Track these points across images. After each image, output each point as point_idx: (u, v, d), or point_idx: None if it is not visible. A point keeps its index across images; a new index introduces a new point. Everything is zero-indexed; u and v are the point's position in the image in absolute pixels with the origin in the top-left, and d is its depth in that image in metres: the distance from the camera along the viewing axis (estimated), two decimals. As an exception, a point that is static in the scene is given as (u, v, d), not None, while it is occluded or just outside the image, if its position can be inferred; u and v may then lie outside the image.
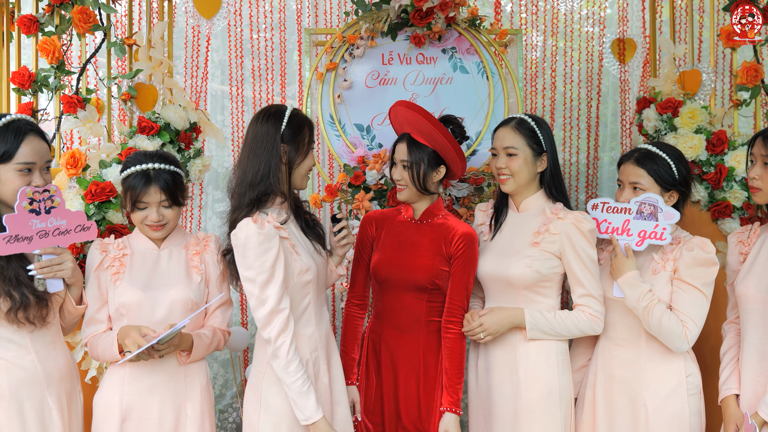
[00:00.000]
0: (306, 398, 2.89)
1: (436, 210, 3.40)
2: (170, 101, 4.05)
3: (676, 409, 3.13)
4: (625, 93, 5.31)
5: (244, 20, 5.15)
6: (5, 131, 2.79)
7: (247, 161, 3.02)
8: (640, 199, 3.11)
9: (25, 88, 3.79)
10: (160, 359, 3.03)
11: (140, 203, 3.03)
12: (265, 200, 2.98)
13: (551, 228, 3.22)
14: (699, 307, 3.09)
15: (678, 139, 4.07)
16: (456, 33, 4.37)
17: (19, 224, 2.79)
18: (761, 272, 3.03)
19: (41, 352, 2.89)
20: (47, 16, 3.82)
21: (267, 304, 2.89)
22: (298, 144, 3.04)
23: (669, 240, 3.08)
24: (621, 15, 5.26)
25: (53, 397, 2.89)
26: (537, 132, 3.29)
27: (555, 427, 3.22)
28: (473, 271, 3.32)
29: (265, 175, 2.98)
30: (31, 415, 2.83)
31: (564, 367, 3.26)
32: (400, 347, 3.38)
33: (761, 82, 4.07)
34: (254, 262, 2.88)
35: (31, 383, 2.84)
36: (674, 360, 3.16)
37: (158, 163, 3.04)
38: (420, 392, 3.35)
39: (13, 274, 2.78)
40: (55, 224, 2.88)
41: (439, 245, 3.31)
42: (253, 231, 2.87)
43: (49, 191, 2.84)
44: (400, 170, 3.34)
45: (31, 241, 2.82)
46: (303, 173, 3.10)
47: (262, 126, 3.03)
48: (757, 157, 3.04)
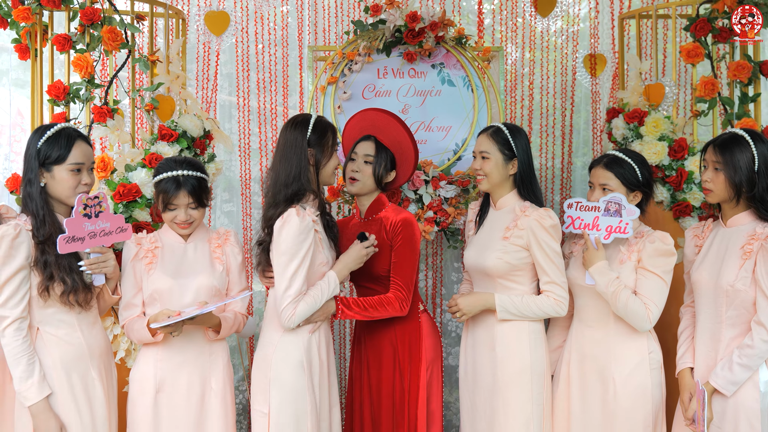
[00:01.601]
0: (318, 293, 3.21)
1: (378, 206, 3.59)
2: (185, 111, 4.15)
3: (639, 381, 3.30)
4: (596, 104, 5.32)
5: (250, 37, 5.19)
6: (58, 137, 3.02)
7: (280, 165, 3.25)
8: (607, 198, 3.29)
9: (60, 99, 3.90)
10: (188, 340, 3.23)
11: (171, 205, 3.22)
12: (299, 197, 3.20)
13: (519, 224, 3.40)
14: (659, 291, 3.28)
15: (643, 145, 4.15)
16: (444, 50, 4.51)
17: (76, 227, 2.97)
18: (713, 262, 3.22)
19: (86, 330, 3.09)
20: (79, 35, 3.94)
21: (293, 286, 3.14)
22: (323, 147, 3.29)
23: (631, 233, 3.28)
24: (592, 32, 5.27)
25: (95, 369, 3.10)
26: (510, 140, 3.49)
27: (527, 397, 3.39)
28: (412, 252, 3.48)
29: (297, 176, 3.22)
30: (78, 383, 3.03)
31: (536, 345, 3.43)
32: (370, 335, 3.59)
33: (718, 94, 4.15)
34: (291, 248, 3.11)
35: (77, 357, 3.05)
36: (638, 339, 3.33)
37: (186, 170, 3.23)
38: (381, 374, 3.55)
39: (66, 263, 2.97)
40: (101, 226, 3.05)
41: (381, 236, 3.48)
42: (296, 221, 3.11)
43: (98, 198, 3.01)
44: (360, 164, 3.55)
45: (83, 241, 2.99)
46: (329, 172, 3.34)
47: (291, 133, 3.28)
48: (708, 162, 3.24)
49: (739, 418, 3.10)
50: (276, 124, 5.19)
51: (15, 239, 2.90)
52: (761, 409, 3.09)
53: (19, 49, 4.13)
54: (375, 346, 3.56)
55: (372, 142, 3.60)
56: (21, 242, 2.92)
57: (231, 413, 3.34)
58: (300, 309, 3.17)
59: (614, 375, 3.33)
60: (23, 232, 2.94)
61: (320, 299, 3.22)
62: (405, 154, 3.67)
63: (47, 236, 2.97)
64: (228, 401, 3.32)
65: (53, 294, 2.97)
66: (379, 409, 3.55)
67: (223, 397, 3.29)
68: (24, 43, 4.10)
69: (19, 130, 5.33)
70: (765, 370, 3.13)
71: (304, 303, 3.18)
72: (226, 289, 3.36)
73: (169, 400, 3.23)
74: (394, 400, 3.51)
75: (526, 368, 3.41)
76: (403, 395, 3.50)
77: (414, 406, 3.48)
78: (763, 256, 3.06)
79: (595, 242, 3.33)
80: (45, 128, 3.07)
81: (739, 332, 3.15)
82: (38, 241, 2.97)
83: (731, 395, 3.11)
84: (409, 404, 3.48)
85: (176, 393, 3.23)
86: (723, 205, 3.30)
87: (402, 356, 3.51)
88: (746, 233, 3.16)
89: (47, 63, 4.09)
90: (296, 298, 3.16)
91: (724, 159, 3.18)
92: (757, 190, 3.16)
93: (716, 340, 3.21)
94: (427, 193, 4.35)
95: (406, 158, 3.68)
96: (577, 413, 3.43)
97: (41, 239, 2.96)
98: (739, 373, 3.06)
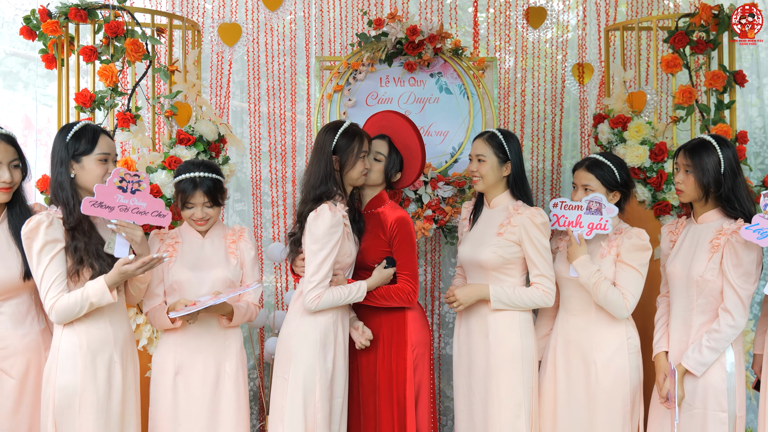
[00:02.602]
0: (345, 293, 3.45)
1: (378, 201, 3.76)
2: (201, 117, 4.23)
3: (619, 364, 3.47)
4: (584, 110, 5.37)
5: (260, 47, 5.23)
6: (85, 131, 3.17)
7: (312, 166, 3.51)
8: (589, 198, 3.45)
9: (87, 106, 4.01)
10: (204, 328, 3.39)
11: (188, 203, 3.39)
12: (327, 197, 3.42)
13: (512, 221, 3.56)
14: (636, 282, 3.45)
15: (626, 149, 4.22)
16: (442, 60, 4.59)
17: (106, 194, 3.06)
18: (685, 255, 3.40)
19: (113, 316, 3.19)
20: (104, 46, 4.05)
21: (320, 272, 3.36)
22: (348, 154, 3.50)
23: (610, 230, 3.43)
24: (580, 43, 5.32)
25: (118, 354, 3.17)
26: (504, 144, 3.64)
27: (517, 380, 3.55)
28: (412, 248, 3.68)
29: (324, 180, 3.46)
30: (101, 366, 3.11)
31: (526, 333, 3.59)
32: (366, 318, 3.74)
33: (695, 102, 4.24)
34: (322, 239, 3.34)
35: (102, 341, 3.13)
36: (618, 326, 3.50)
37: (203, 172, 3.39)
38: (378, 351, 3.71)
39: (94, 248, 3.11)
40: (136, 204, 3.12)
41: (377, 231, 3.67)
42: (328, 216, 3.34)
43: (138, 176, 3.13)
44: (372, 160, 3.72)
45: (112, 210, 3.08)
46: (355, 176, 3.56)
47: (321, 138, 3.52)
48: (680, 165, 3.43)
49: (707, 396, 3.29)
50: (284, 128, 5.26)
51: (49, 226, 3.03)
52: (727, 388, 3.28)
53: (45, 59, 4.23)
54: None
55: (386, 142, 3.79)
56: (54, 228, 3.05)
57: (243, 395, 3.48)
58: (326, 297, 3.39)
59: (596, 359, 3.50)
60: (55, 219, 3.07)
61: (345, 298, 3.44)
62: (413, 160, 3.86)
63: (77, 223, 3.09)
64: (241, 384, 3.46)
65: (83, 278, 3.09)
66: (372, 393, 3.72)
67: (236, 380, 3.44)
68: (51, 54, 4.20)
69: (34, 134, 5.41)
70: (731, 352, 3.31)
71: (331, 294, 3.40)
72: (240, 281, 3.51)
73: (186, 382, 3.39)
74: (380, 381, 3.68)
75: (517, 354, 3.56)
76: (390, 377, 3.66)
77: (402, 387, 3.64)
78: (729, 250, 3.25)
79: (578, 238, 3.49)
80: (71, 125, 3.21)
81: (708, 318, 3.34)
82: (68, 228, 3.08)
83: (701, 375, 3.29)
84: (396, 385, 3.65)
85: (193, 376, 3.39)
86: (694, 204, 3.47)
87: (388, 340, 3.69)
88: (714, 229, 3.34)
89: (74, 72, 4.20)
90: (321, 283, 3.38)
91: (694, 162, 3.37)
92: (723, 190, 3.34)
93: (688, 326, 3.38)
94: (426, 193, 4.47)
95: (413, 165, 3.87)
96: (563, 394, 3.58)
97: (72, 225, 3.09)
98: (708, 355, 3.25)
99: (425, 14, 5.23)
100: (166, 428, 3.38)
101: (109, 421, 3.11)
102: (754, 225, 3.11)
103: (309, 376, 3.41)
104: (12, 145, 3.13)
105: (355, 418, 3.77)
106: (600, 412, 3.50)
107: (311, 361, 3.41)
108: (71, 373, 3.06)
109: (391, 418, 3.64)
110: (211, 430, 3.40)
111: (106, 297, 3.03)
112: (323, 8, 5.25)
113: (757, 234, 3.09)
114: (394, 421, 3.63)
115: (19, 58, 5.49)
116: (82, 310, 3.04)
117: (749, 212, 3.34)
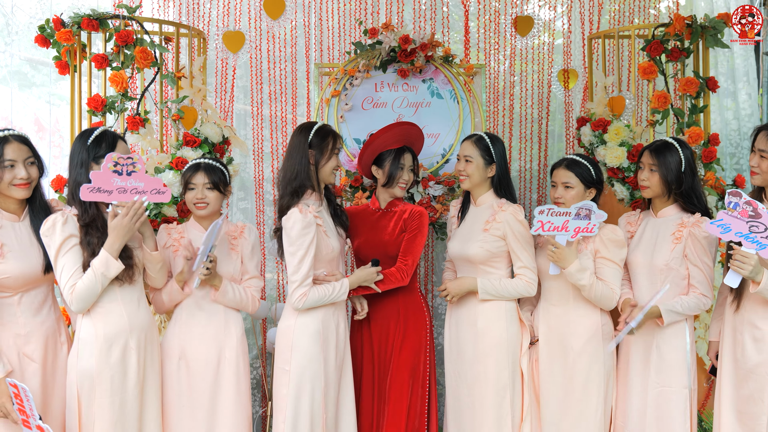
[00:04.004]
0: (330, 291, 3.51)
1: (397, 201, 3.92)
2: (206, 120, 4.32)
3: (594, 349, 3.62)
4: (569, 113, 5.45)
5: (262, 54, 5.30)
6: (104, 136, 3.30)
7: (287, 163, 3.57)
8: (579, 205, 3.52)
9: (98, 110, 4.10)
10: (206, 317, 3.51)
11: (190, 184, 3.52)
12: (302, 191, 3.50)
13: (497, 217, 3.68)
14: (618, 276, 3.62)
15: (606, 150, 4.32)
16: (433, 67, 4.71)
17: (102, 180, 3.10)
18: (646, 246, 3.60)
19: (128, 305, 3.26)
20: (114, 54, 4.15)
21: (300, 271, 3.44)
22: (322, 149, 3.57)
23: (597, 232, 3.54)
24: (565, 50, 5.41)
25: (134, 341, 3.25)
26: (490, 147, 3.76)
27: (504, 365, 3.69)
28: (422, 237, 3.80)
29: (298, 173, 3.53)
30: (116, 352, 3.20)
31: (511, 322, 3.72)
32: (376, 305, 3.86)
33: (670, 106, 4.35)
34: (296, 241, 3.41)
35: (117, 330, 3.21)
36: (593, 314, 3.64)
37: (206, 159, 3.57)
38: (391, 332, 3.84)
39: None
40: (133, 185, 3.15)
41: (398, 223, 3.81)
42: (299, 218, 3.41)
43: (132, 158, 3.15)
44: (408, 173, 3.90)
45: (110, 194, 3.12)
46: (328, 172, 3.60)
47: (297, 137, 3.59)
48: (645, 164, 3.61)
49: (672, 374, 3.52)
50: (286, 131, 5.31)
51: (64, 224, 3.15)
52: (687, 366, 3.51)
53: (59, 65, 4.32)
54: (382, 318, 3.86)
55: (411, 155, 3.95)
56: (69, 225, 3.17)
57: (244, 381, 3.58)
58: (311, 295, 3.47)
59: (573, 344, 3.64)
60: (70, 217, 3.19)
61: (329, 296, 3.52)
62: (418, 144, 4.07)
63: (91, 220, 3.20)
64: (241, 371, 3.57)
65: None
66: (388, 372, 3.82)
67: (236, 366, 3.55)
68: (64, 60, 4.30)
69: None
70: (689, 331, 3.54)
71: (316, 292, 3.49)
72: (240, 274, 3.64)
73: (189, 366, 3.51)
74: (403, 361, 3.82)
75: (503, 341, 3.70)
76: (413, 356, 3.82)
77: (426, 367, 3.84)
78: (693, 240, 3.47)
79: (566, 243, 3.57)
80: (90, 131, 3.32)
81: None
82: (83, 224, 3.19)
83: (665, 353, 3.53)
84: (419, 364, 3.82)
85: (195, 360, 3.51)
86: (655, 200, 3.66)
87: (406, 322, 3.83)
88: (675, 222, 3.55)
89: (86, 77, 4.30)
90: (303, 282, 3.46)
91: (659, 161, 3.55)
92: (684, 187, 3.55)
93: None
94: (418, 192, 4.58)
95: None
96: (545, 376, 3.71)
97: (86, 222, 3.19)
98: (678, 309, 3.45)
99: (419, 23, 5.31)
100: (173, 409, 3.49)
101: (125, 404, 3.22)
102: (718, 220, 3.23)
103: (310, 366, 3.50)
104: (25, 144, 3.22)
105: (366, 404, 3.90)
106: (578, 392, 3.64)
107: (311, 352, 3.50)
108: (88, 359, 3.18)
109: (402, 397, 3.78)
110: (213, 412, 3.51)
111: (112, 264, 3.14)
112: (322, 17, 5.32)
113: (720, 229, 3.22)
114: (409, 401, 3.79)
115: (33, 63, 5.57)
116: (96, 286, 3.14)
117: (705, 207, 3.56)
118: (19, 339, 3.18)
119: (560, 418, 3.69)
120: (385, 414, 3.79)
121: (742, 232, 3.18)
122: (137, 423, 3.29)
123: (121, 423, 3.22)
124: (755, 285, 3.20)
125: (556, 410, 3.70)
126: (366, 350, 3.90)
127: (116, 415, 3.19)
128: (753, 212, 3.16)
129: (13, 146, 3.15)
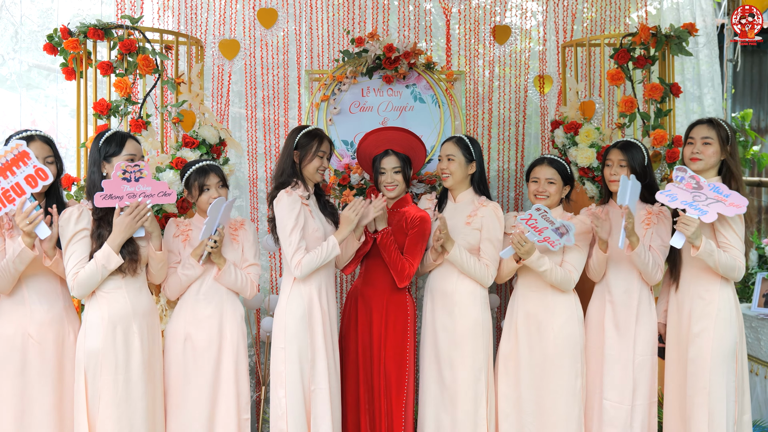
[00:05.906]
0: (321, 250, 3.62)
1: (403, 202, 4.00)
2: (204, 122, 4.37)
3: (568, 331, 3.79)
4: (544, 116, 5.51)
5: (256, 61, 5.34)
6: (115, 136, 3.44)
7: (278, 161, 3.75)
8: (564, 223, 3.64)
9: (104, 114, 4.19)
10: (208, 303, 3.64)
11: (205, 186, 3.65)
12: (287, 185, 3.67)
13: (478, 212, 3.84)
14: (581, 259, 3.80)
15: (578, 151, 4.40)
16: (416, 73, 4.80)
17: (113, 187, 3.26)
18: (617, 233, 3.69)
19: (131, 293, 3.41)
20: (118, 61, 4.24)
21: (291, 237, 3.60)
22: (306, 150, 3.73)
23: (557, 248, 3.69)
24: (541, 57, 5.49)
25: (136, 326, 3.39)
26: (469, 146, 3.91)
27: (480, 347, 3.83)
28: (424, 241, 3.90)
29: (284, 170, 3.72)
30: (120, 335, 3.35)
31: (485, 308, 3.87)
32: (374, 299, 3.97)
33: (636, 110, 4.44)
34: (285, 215, 3.58)
35: (122, 314, 3.36)
36: (567, 299, 3.81)
37: (208, 161, 3.72)
38: (386, 326, 3.96)
39: None
40: (141, 189, 3.30)
41: (401, 224, 3.91)
42: (284, 197, 3.60)
43: (139, 166, 3.30)
44: (391, 175, 3.95)
45: (121, 199, 3.27)
46: (312, 170, 3.75)
47: (288, 138, 3.76)
48: (614, 161, 3.80)
49: (648, 346, 3.76)
50: (278, 133, 5.37)
51: (79, 217, 3.32)
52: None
53: (66, 72, 4.39)
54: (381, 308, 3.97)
55: (393, 156, 4.00)
56: (83, 218, 3.34)
57: (243, 362, 3.72)
58: (306, 260, 3.61)
59: (550, 326, 3.80)
60: (85, 211, 3.36)
61: (323, 255, 3.64)
62: (416, 151, 4.12)
63: (103, 215, 3.35)
64: (241, 353, 3.71)
65: None
66: (382, 362, 3.94)
67: (236, 349, 3.70)
68: (70, 67, 4.37)
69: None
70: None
71: (309, 256, 3.62)
72: (241, 262, 3.78)
73: (193, 346, 3.64)
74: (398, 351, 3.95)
75: (478, 325, 3.84)
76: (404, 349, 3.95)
77: (413, 357, 3.96)
78: (662, 220, 3.74)
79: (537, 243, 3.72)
80: (103, 132, 3.47)
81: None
82: (96, 218, 3.35)
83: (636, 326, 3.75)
84: (408, 355, 3.94)
85: (198, 342, 3.65)
86: None
87: (399, 318, 3.96)
88: (640, 211, 3.76)
89: (91, 83, 4.39)
90: (297, 250, 3.60)
91: (628, 157, 3.75)
92: (648, 180, 3.76)
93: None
94: None
95: (417, 154, 4.14)
96: (524, 357, 3.84)
97: (98, 216, 3.35)
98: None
99: (404, 32, 5.39)
100: (178, 387, 3.65)
101: (129, 382, 3.36)
102: (666, 191, 3.52)
103: (300, 344, 3.66)
104: (47, 144, 3.38)
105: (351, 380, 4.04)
106: (555, 370, 3.78)
107: (301, 332, 3.66)
108: (94, 339, 3.33)
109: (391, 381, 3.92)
110: (215, 389, 3.65)
111: (112, 258, 3.29)
112: (312, 27, 5.37)
113: (668, 198, 3.52)
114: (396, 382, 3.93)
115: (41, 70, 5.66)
116: (96, 275, 3.30)
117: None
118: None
119: (539, 399, 3.82)
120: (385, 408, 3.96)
121: (687, 200, 3.46)
122: (141, 401, 3.40)
123: (125, 400, 3.35)
124: (695, 249, 3.43)
125: (533, 388, 3.82)
126: (357, 331, 4.02)
127: (120, 392, 3.33)
128: (696, 185, 3.45)
129: (36, 144, 3.32)
